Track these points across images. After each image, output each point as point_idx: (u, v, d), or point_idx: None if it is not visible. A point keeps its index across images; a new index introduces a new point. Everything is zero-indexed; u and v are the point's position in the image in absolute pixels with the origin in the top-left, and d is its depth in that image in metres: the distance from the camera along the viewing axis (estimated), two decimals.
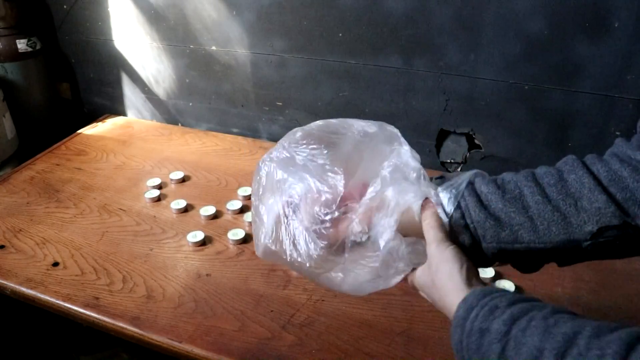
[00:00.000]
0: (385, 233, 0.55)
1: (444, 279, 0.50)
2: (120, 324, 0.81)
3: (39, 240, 1.00)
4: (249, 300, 0.84)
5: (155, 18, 1.38)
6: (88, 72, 1.57)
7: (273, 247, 0.58)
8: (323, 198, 0.57)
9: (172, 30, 1.38)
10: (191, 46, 1.38)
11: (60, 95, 1.62)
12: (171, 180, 1.19)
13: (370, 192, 0.57)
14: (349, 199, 0.57)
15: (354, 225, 0.56)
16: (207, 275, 0.90)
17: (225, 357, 0.74)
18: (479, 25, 1.08)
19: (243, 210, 1.07)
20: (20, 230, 1.03)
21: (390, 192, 0.56)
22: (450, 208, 0.53)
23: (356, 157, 0.59)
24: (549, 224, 0.50)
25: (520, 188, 0.52)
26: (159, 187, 1.16)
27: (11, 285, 0.89)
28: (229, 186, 1.17)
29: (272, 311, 0.82)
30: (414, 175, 0.57)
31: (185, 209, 1.08)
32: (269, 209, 0.59)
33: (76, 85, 1.61)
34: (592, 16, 0.99)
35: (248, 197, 1.12)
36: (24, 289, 0.88)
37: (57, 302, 0.86)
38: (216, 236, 1.00)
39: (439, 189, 0.55)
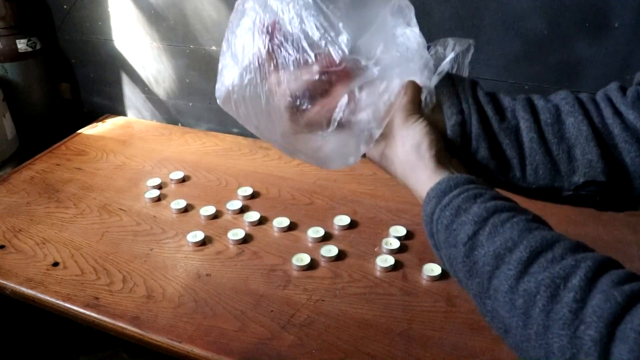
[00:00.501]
0: (366, 112, 0.49)
1: (409, 152, 0.48)
2: (120, 324, 0.81)
3: (39, 240, 1.00)
4: (249, 300, 0.84)
5: (155, 18, 1.38)
6: (88, 72, 1.57)
7: (236, 96, 0.50)
8: (316, 64, 0.48)
9: (172, 30, 1.38)
10: (191, 46, 1.38)
11: (60, 95, 1.62)
12: (171, 180, 1.19)
13: (366, 72, 0.49)
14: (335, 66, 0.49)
15: (343, 105, 0.49)
16: (207, 275, 0.90)
17: (225, 357, 0.74)
18: (478, 25, 1.08)
19: (243, 210, 1.07)
20: (20, 230, 1.03)
21: (387, 76, 0.49)
22: (449, 108, 0.49)
23: (354, 17, 0.49)
24: (537, 166, 0.48)
25: (517, 119, 0.49)
26: (159, 187, 1.16)
27: (11, 285, 0.89)
28: (229, 186, 1.17)
29: (272, 311, 0.82)
30: (420, 63, 0.50)
31: (185, 209, 1.08)
32: (244, 44, 0.49)
33: (76, 85, 1.61)
34: (592, 16, 0.99)
35: (248, 197, 1.12)
36: (24, 289, 0.88)
37: (57, 302, 0.86)
38: (216, 236, 1.00)
39: (435, 78, 0.50)
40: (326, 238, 0.99)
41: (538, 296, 0.36)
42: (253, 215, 1.04)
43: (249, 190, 1.13)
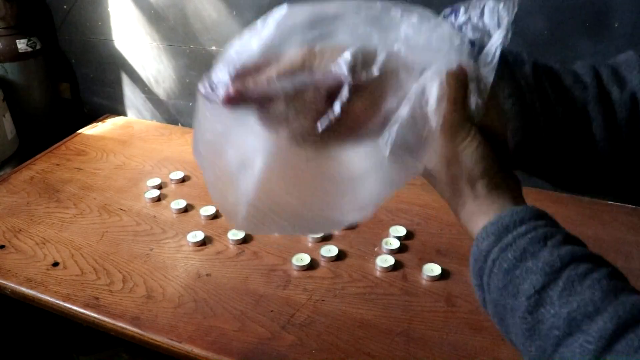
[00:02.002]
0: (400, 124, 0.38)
1: (457, 179, 0.40)
2: (120, 324, 0.81)
3: (39, 240, 1.00)
4: (249, 300, 0.84)
5: (155, 18, 1.38)
6: (88, 72, 1.57)
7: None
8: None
9: (172, 30, 1.38)
10: (191, 46, 1.38)
11: (60, 95, 1.62)
12: (171, 180, 1.19)
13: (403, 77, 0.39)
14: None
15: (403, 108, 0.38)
16: (207, 275, 0.90)
17: (225, 357, 0.74)
18: None
19: None
20: (20, 230, 1.03)
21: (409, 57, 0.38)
22: (515, 119, 0.39)
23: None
24: (622, 119, 0.40)
25: (591, 117, 0.41)
26: (159, 187, 1.16)
27: (11, 285, 0.89)
28: None
29: (272, 311, 0.82)
30: (455, 48, 0.39)
31: (185, 209, 1.08)
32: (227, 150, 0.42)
33: (76, 85, 1.61)
34: (592, 16, 0.99)
35: None
36: (24, 289, 0.88)
37: (57, 302, 0.86)
38: (216, 236, 1.00)
39: (488, 69, 0.39)
40: (326, 238, 0.99)
41: None
42: None
43: None
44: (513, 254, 0.36)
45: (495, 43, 0.39)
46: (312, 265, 0.92)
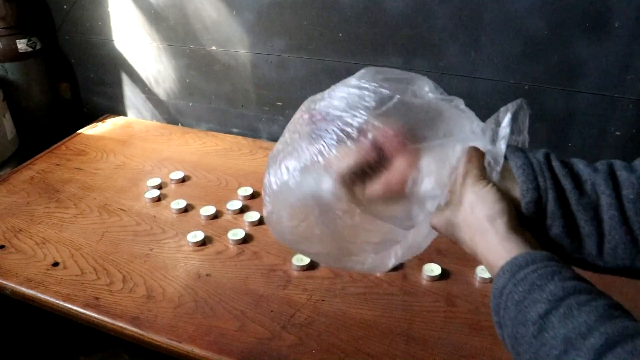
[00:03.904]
0: (429, 180, 0.49)
1: (480, 219, 0.45)
2: (120, 324, 0.81)
3: (39, 240, 1.00)
4: (249, 300, 0.84)
5: (155, 18, 1.38)
6: (88, 72, 1.57)
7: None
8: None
9: (172, 30, 1.38)
10: (191, 46, 1.38)
11: (60, 95, 1.62)
12: (171, 180, 1.19)
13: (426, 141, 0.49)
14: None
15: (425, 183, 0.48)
16: (207, 275, 0.90)
17: (225, 357, 0.74)
18: (479, 25, 1.08)
19: (243, 210, 1.07)
20: (20, 230, 1.03)
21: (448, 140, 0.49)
22: (524, 183, 0.46)
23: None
24: (617, 245, 0.45)
25: (598, 194, 0.45)
26: (159, 187, 1.16)
27: (11, 285, 0.89)
28: (229, 186, 1.17)
29: (272, 311, 0.82)
30: (478, 129, 0.50)
31: (185, 209, 1.08)
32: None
33: (76, 85, 1.61)
34: (592, 16, 0.99)
35: (248, 197, 1.12)
36: (24, 289, 0.88)
37: (57, 302, 0.86)
38: (216, 236, 1.00)
39: (500, 142, 0.48)
40: None
41: None
42: (253, 215, 1.04)
43: (249, 190, 1.13)
44: (523, 287, 0.40)
45: (504, 127, 0.48)
46: (312, 265, 0.92)
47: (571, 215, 0.46)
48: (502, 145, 0.48)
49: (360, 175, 0.49)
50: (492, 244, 0.44)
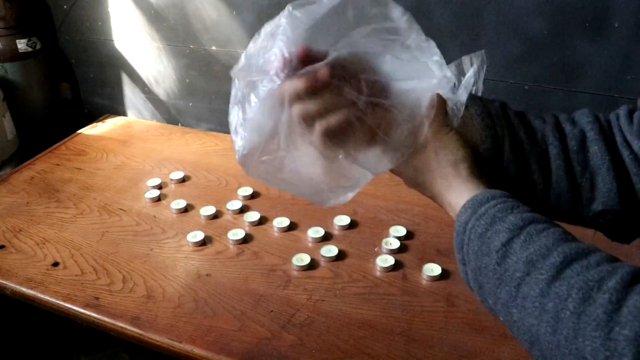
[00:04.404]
0: (401, 127, 0.50)
1: (443, 163, 0.48)
2: (120, 324, 0.81)
3: (39, 240, 1.00)
4: (249, 300, 0.84)
5: (155, 18, 1.38)
6: (88, 72, 1.57)
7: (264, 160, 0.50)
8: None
9: (172, 30, 1.38)
10: (191, 46, 1.38)
11: (60, 95, 1.62)
12: (171, 180, 1.19)
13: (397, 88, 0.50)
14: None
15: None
16: (207, 275, 0.90)
17: (225, 357, 0.74)
18: (479, 25, 1.08)
19: (243, 210, 1.07)
20: (20, 230, 1.03)
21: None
22: (483, 130, 0.50)
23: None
24: (561, 192, 0.49)
25: (547, 144, 0.50)
26: (159, 187, 1.16)
27: (11, 285, 0.89)
28: (229, 186, 1.17)
29: (272, 311, 0.82)
30: (441, 76, 0.51)
31: (185, 209, 1.08)
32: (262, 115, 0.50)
33: (76, 85, 1.61)
34: (592, 16, 0.99)
35: (248, 197, 1.12)
36: (24, 289, 0.88)
37: (57, 302, 0.86)
38: (216, 236, 1.00)
39: (462, 91, 0.50)
40: (326, 238, 0.99)
41: (569, 299, 0.35)
42: (253, 215, 1.04)
43: (249, 190, 1.13)
44: (485, 220, 0.42)
45: (468, 77, 0.51)
46: (312, 265, 0.92)
47: (524, 162, 0.50)
48: (464, 94, 0.50)
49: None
50: (454, 186, 0.47)
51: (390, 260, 0.91)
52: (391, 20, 0.50)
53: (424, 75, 0.51)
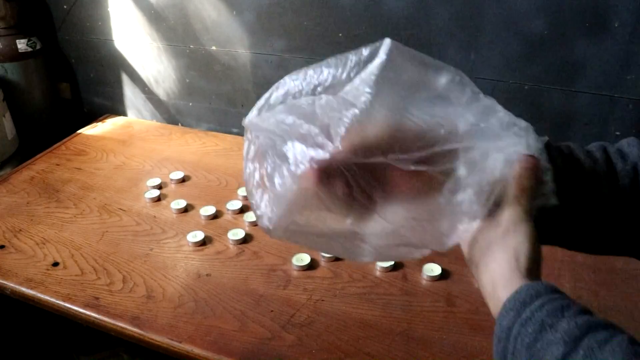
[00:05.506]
0: (467, 192, 0.42)
1: (507, 250, 0.41)
2: (120, 324, 0.81)
3: (39, 240, 1.00)
4: (249, 300, 0.84)
5: (155, 18, 1.38)
6: (88, 72, 1.57)
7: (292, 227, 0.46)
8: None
9: (172, 30, 1.38)
10: (191, 46, 1.38)
11: (60, 95, 1.62)
12: (171, 180, 1.19)
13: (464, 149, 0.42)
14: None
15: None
16: (207, 275, 0.90)
17: (225, 357, 0.75)
18: (479, 25, 1.08)
19: (243, 210, 1.07)
20: (20, 230, 1.03)
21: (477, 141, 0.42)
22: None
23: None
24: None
25: (599, 189, 0.47)
26: (159, 187, 1.16)
27: (11, 285, 0.89)
28: (229, 186, 1.17)
29: (272, 311, 0.82)
30: (522, 134, 0.43)
31: (185, 209, 1.08)
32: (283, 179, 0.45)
33: (76, 85, 1.61)
34: (592, 16, 0.99)
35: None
36: (24, 289, 0.88)
37: (57, 302, 0.86)
38: (216, 236, 1.00)
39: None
40: None
41: None
42: (253, 215, 1.04)
43: None
44: (532, 327, 0.37)
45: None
46: (312, 265, 0.92)
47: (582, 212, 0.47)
48: (539, 144, 0.43)
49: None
50: (501, 278, 0.41)
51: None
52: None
53: (492, 130, 0.44)
